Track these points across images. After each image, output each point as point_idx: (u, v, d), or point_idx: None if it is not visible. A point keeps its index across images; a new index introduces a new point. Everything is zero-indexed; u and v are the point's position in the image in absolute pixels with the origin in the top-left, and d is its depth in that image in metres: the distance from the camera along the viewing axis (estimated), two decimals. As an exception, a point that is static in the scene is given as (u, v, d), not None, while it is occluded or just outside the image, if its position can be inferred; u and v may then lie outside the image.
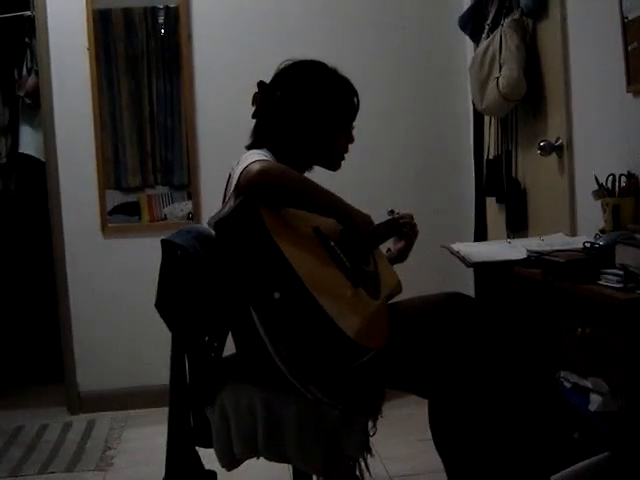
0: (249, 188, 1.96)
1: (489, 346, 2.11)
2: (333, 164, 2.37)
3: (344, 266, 2.05)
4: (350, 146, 2.38)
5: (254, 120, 2.34)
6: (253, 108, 2.31)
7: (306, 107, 2.26)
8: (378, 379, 2.11)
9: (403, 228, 2.54)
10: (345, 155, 2.38)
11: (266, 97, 2.29)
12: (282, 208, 2.01)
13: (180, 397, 2.21)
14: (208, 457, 2.25)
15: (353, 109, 2.36)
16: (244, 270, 1.93)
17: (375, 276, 2.24)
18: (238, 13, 4.39)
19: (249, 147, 2.29)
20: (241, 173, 2.00)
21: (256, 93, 2.30)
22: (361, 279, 2.09)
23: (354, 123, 2.38)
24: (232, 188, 2.05)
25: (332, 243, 2.08)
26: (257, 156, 2.06)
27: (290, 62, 2.33)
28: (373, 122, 2.46)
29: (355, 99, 2.35)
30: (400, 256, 2.54)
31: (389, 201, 3.01)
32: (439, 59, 4.52)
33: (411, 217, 2.55)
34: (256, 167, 1.97)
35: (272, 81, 2.32)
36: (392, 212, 2.57)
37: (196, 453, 2.24)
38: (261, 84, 2.30)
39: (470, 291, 3.12)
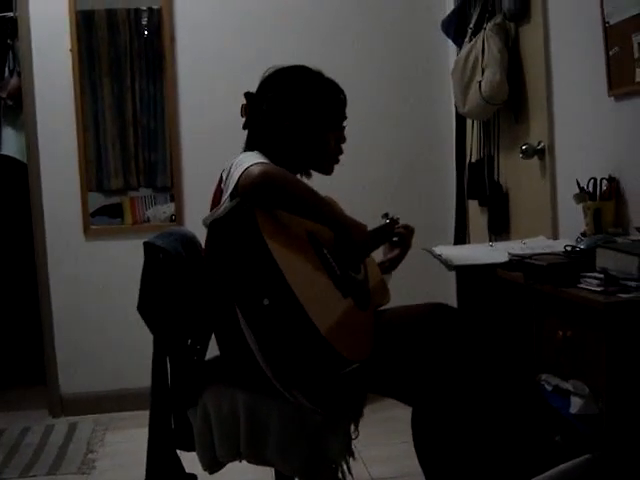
0: (251, 189, 1.96)
1: (472, 355, 2.12)
2: (325, 166, 2.36)
3: (335, 275, 2.06)
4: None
5: (242, 127, 2.33)
6: (239, 111, 2.31)
7: (293, 110, 2.26)
8: (361, 386, 2.12)
9: (395, 236, 2.53)
10: (340, 158, 2.38)
11: (254, 107, 2.29)
12: (277, 213, 2.01)
13: (161, 400, 2.20)
14: (190, 460, 2.25)
15: (341, 107, 2.35)
16: (235, 273, 1.93)
17: (365, 285, 2.25)
18: (221, 15, 4.39)
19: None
20: (241, 174, 1.99)
21: (244, 104, 2.30)
22: (351, 289, 2.09)
23: (344, 123, 2.38)
24: (228, 189, 2.03)
25: (325, 250, 2.09)
26: (255, 159, 2.05)
27: (273, 69, 2.33)
28: (355, 125, 2.45)
29: (341, 96, 2.35)
30: (392, 265, 2.54)
31: (371, 204, 3.02)
32: (422, 62, 4.54)
33: (410, 231, 2.54)
34: (258, 169, 1.97)
35: (258, 90, 2.32)
36: (386, 215, 2.55)
37: (176, 456, 2.23)
38: (248, 95, 2.30)
39: (452, 294, 3.13)
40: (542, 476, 2.13)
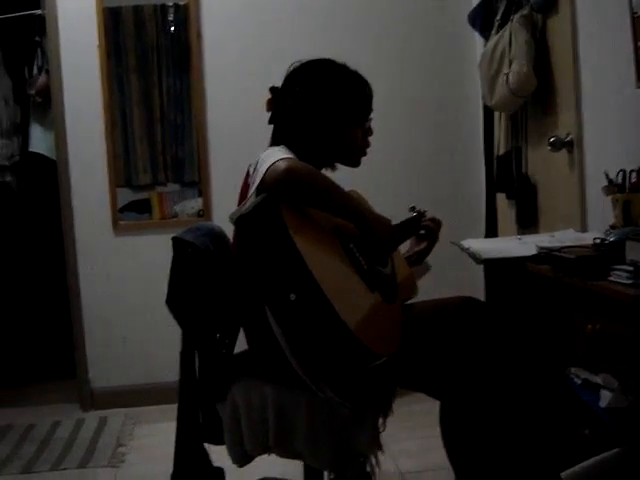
0: (276, 185, 1.96)
1: (501, 350, 2.12)
2: (353, 160, 2.36)
3: (361, 269, 2.06)
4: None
5: (267, 122, 2.33)
6: (264, 110, 2.31)
7: (320, 105, 2.26)
8: (390, 380, 2.12)
9: (422, 229, 2.52)
10: (367, 151, 2.38)
11: (279, 101, 2.29)
12: (303, 208, 2.01)
13: (189, 394, 2.22)
14: (219, 453, 2.26)
15: (367, 100, 2.35)
16: (262, 269, 1.93)
17: (392, 279, 2.25)
18: (247, 11, 4.39)
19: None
20: (267, 170, 1.99)
21: (269, 99, 2.30)
22: (378, 283, 2.09)
23: (371, 115, 2.37)
24: (255, 184, 2.04)
25: (351, 245, 2.09)
26: (282, 154, 2.05)
27: (298, 63, 2.33)
28: (382, 119, 2.45)
29: (367, 89, 2.34)
30: (419, 258, 2.53)
31: (399, 197, 3.02)
32: (449, 55, 4.52)
33: (437, 223, 2.52)
34: (283, 165, 1.97)
35: (283, 84, 2.32)
36: (414, 208, 2.54)
37: (204, 450, 2.25)
38: (273, 89, 2.30)
39: (480, 287, 3.12)
40: (572, 470, 2.13)
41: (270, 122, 2.33)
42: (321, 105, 2.26)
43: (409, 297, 2.36)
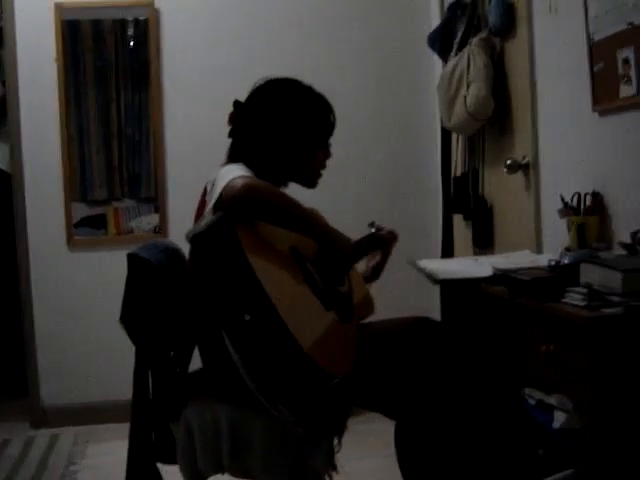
0: (234, 202, 1.95)
1: (455, 369, 2.13)
2: (310, 181, 2.36)
3: (317, 288, 2.05)
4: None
5: (228, 137, 2.32)
6: (225, 124, 2.31)
7: (283, 124, 2.26)
8: (345, 399, 2.11)
9: (382, 245, 2.51)
10: (322, 172, 2.38)
11: (241, 116, 2.28)
12: (260, 226, 2.00)
13: (142, 412, 2.19)
14: (172, 474, 2.23)
15: (329, 125, 2.35)
16: (216, 288, 1.92)
17: (348, 298, 2.24)
18: (208, 27, 4.39)
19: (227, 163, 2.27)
20: (224, 187, 1.97)
21: (232, 112, 2.30)
22: (334, 301, 2.09)
23: (330, 139, 2.38)
24: (212, 201, 2.02)
25: (307, 263, 2.08)
26: (239, 171, 2.04)
27: (265, 80, 2.32)
28: (340, 139, 2.45)
29: (331, 116, 2.35)
30: (374, 273, 2.53)
31: (356, 218, 3.01)
32: (408, 76, 4.55)
33: (392, 235, 2.50)
34: (240, 182, 1.96)
35: (247, 100, 2.31)
36: (373, 224, 2.53)
37: (157, 469, 2.22)
38: (237, 103, 2.30)
39: (436, 308, 3.14)
40: (525, 491, 2.13)
41: (230, 135, 2.32)
42: (285, 125, 2.26)
43: (366, 315, 2.36)
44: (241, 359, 1.91)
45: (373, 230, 2.51)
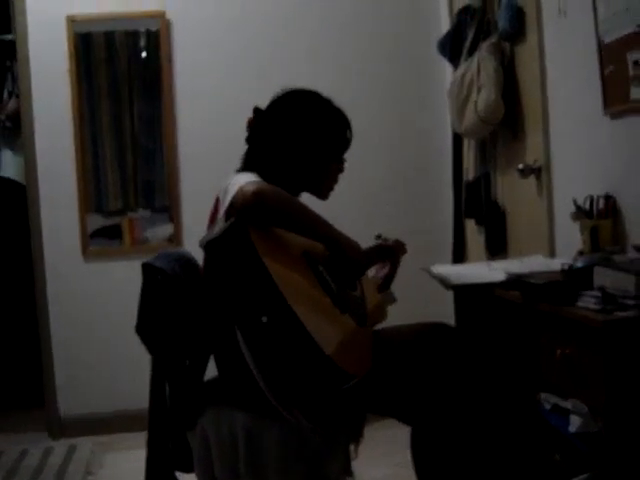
0: (245, 208, 1.96)
1: (471, 375, 2.12)
2: (322, 193, 2.38)
3: (332, 292, 2.05)
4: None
5: (239, 148, 2.34)
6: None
7: (300, 136, 2.28)
8: (361, 405, 2.11)
9: (389, 256, 2.52)
10: (334, 185, 2.40)
11: (260, 123, 2.30)
12: (272, 231, 2.01)
13: (159, 421, 2.20)
14: (189, 482, 2.24)
15: (346, 141, 2.37)
16: (232, 292, 1.93)
17: (362, 302, 2.25)
18: (219, 37, 4.41)
19: (239, 171, 2.29)
20: (236, 193, 1.99)
21: (250, 118, 2.31)
22: (348, 305, 2.09)
23: (345, 155, 2.40)
24: (224, 209, 2.04)
25: (320, 268, 2.09)
26: (249, 178, 2.06)
27: (286, 90, 2.35)
28: (352, 145, 2.46)
29: (348, 131, 2.37)
30: (384, 284, 2.54)
31: (369, 223, 3.03)
32: (418, 83, 4.56)
33: (401, 245, 2.53)
34: (251, 188, 1.97)
35: (268, 108, 2.33)
36: (379, 236, 2.55)
37: (175, 478, 2.23)
38: (256, 110, 2.31)
39: (450, 313, 3.13)
40: (542, 495, 2.13)
41: (247, 141, 2.34)
42: (303, 137, 2.28)
43: (378, 321, 2.36)
44: (257, 364, 1.91)
45: (380, 242, 2.52)
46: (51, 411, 4.39)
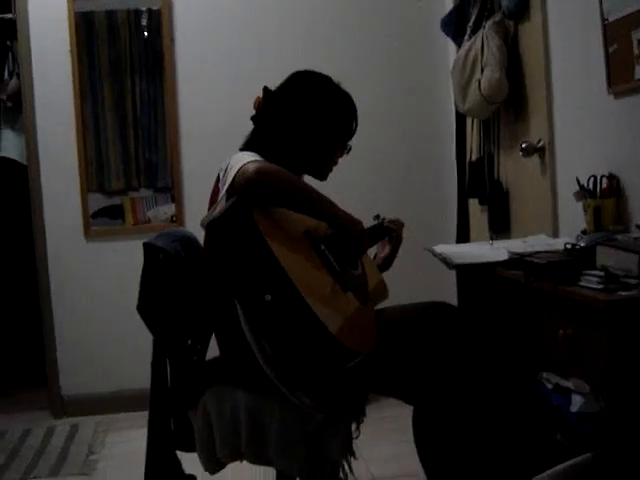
0: (246, 187, 1.96)
1: (472, 354, 2.12)
2: (322, 174, 2.38)
3: (334, 270, 2.05)
4: None
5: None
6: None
7: (308, 120, 2.29)
8: (362, 384, 2.11)
9: (387, 235, 2.53)
10: (334, 167, 2.40)
11: (269, 104, 2.29)
12: (274, 210, 2.01)
13: (161, 401, 2.20)
14: (191, 461, 2.24)
15: (353, 128, 2.38)
16: (235, 271, 1.92)
17: (363, 281, 2.24)
18: (221, 16, 4.38)
19: (242, 149, 2.28)
20: (237, 172, 1.99)
21: (259, 98, 2.31)
22: (350, 283, 2.09)
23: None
24: (225, 188, 2.04)
25: (322, 247, 2.09)
26: (251, 157, 2.06)
27: (297, 72, 2.35)
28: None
29: (354, 122, 2.37)
30: (385, 263, 2.53)
31: (372, 203, 3.02)
32: (421, 61, 4.53)
33: (400, 224, 2.54)
34: (253, 167, 1.97)
35: (278, 89, 2.33)
36: (378, 217, 2.55)
37: (176, 457, 2.23)
38: (266, 90, 2.31)
39: (452, 293, 3.13)
40: (543, 475, 2.13)
41: (253, 120, 2.33)
42: (310, 121, 2.29)
43: (380, 300, 2.36)
44: (259, 343, 1.91)
45: (379, 222, 2.52)
46: (53, 390, 4.40)
